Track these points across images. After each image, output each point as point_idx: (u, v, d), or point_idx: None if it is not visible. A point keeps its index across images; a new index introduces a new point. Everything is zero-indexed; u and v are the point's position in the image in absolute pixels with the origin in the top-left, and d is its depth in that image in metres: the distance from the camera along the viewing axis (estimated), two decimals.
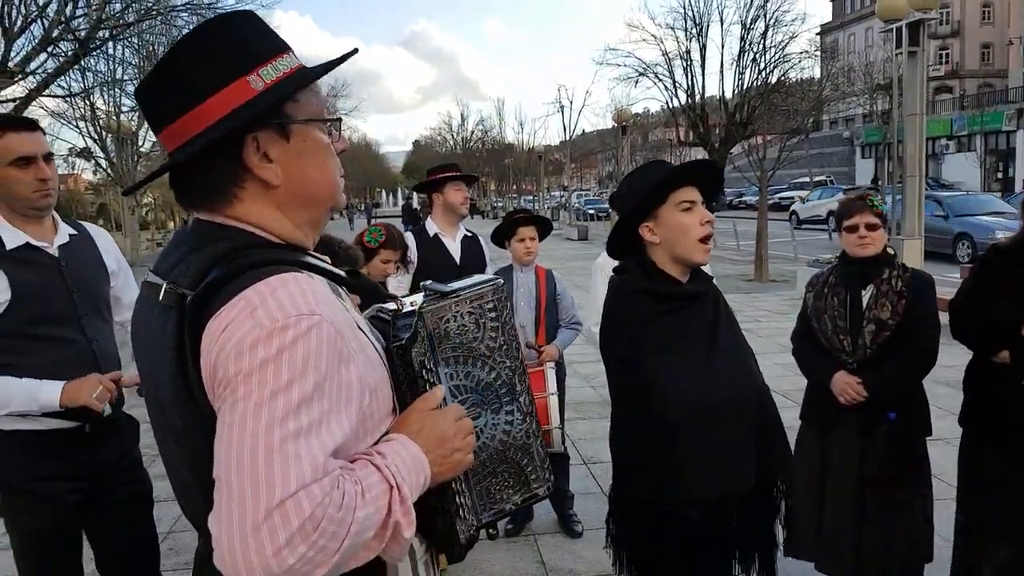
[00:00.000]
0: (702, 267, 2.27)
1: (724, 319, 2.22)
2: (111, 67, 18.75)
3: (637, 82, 40.53)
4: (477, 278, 1.41)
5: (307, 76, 1.22)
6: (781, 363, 7.14)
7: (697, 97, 38.47)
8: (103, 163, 23.78)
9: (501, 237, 4.19)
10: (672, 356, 2.10)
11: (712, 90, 41.07)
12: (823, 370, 3.17)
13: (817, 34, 43.66)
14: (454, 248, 4.27)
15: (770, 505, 2.21)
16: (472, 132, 71.38)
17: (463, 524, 1.30)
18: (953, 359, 3.19)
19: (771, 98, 28.49)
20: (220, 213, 1.20)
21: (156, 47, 26.16)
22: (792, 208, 29.14)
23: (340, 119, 1.30)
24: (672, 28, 38.97)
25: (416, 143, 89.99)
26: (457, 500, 1.29)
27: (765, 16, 34.27)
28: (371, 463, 1.10)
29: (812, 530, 3.16)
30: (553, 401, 3.69)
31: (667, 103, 40.49)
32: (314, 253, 1.28)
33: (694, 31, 38.17)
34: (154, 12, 15.92)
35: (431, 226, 4.31)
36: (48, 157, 2.39)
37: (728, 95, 36.34)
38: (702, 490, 2.07)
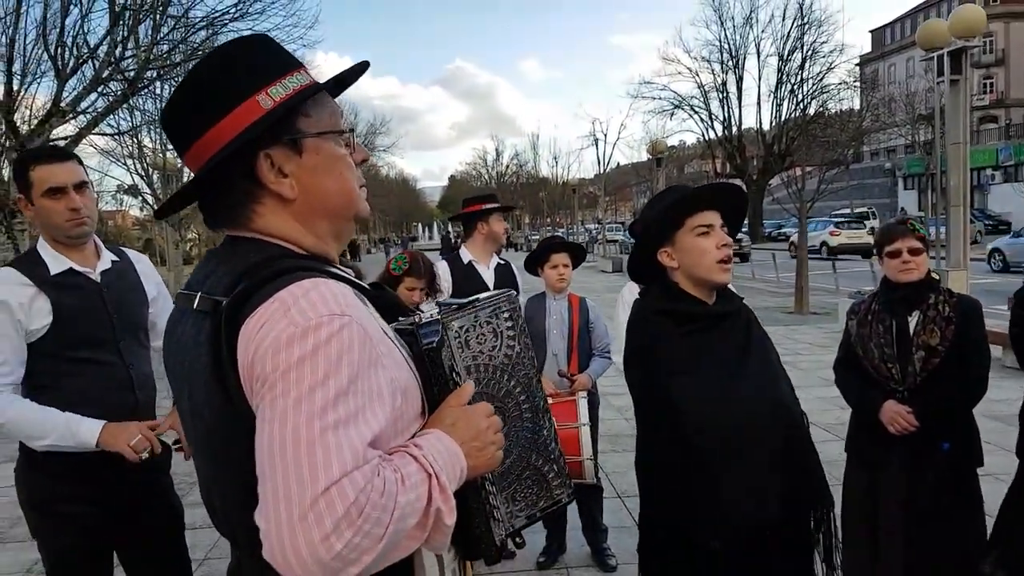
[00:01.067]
0: (730, 288, 2.23)
1: (755, 342, 2.17)
2: (158, 106, 19.32)
3: (672, 114, 40.95)
4: (490, 292, 1.45)
5: (314, 90, 1.26)
6: (822, 396, 6.98)
7: (734, 129, 38.56)
8: (150, 199, 24.41)
9: (534, 264, 4.16)
10: (693, 378, 2.05)
11: (749, 122, 41.02)
12: (871, 399, 3.07)
13: (856, 65, 43.29)
14: (488, 275, 4.26)
15: (807, 536, 2.12)
16: (507, 167, 72.33)
17: (496, 525, 1.32)
18: (1004, 392, 3.07)
19: (809, 129, 28.30)
20: (245, 229, 1.25)
21: None
22: (791, 239, 30.13)
23: (352, 130, 1.33)
24: (708, 61, 39.51)
25: (452, 178, 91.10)
26: (492, 500, 1.32)
27: (802, 48, 34.25)
28: (408, 454, 1.12)
29: (866, 564, 3.05)
30: (585, 432, 3.62)
31: (703, 135, 40.71)
32: (339, 266, 1.31)
33: (730, 63, 38.48)
34: (200, 52, 16.40)
35: (465, 254, 4.33)
36: (80, 186, 2.44)
37: (765, 127, 36.34)
38: (725, 516, 2.00)
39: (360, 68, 1.36)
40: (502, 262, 4.39)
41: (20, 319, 2.34)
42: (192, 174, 1.27)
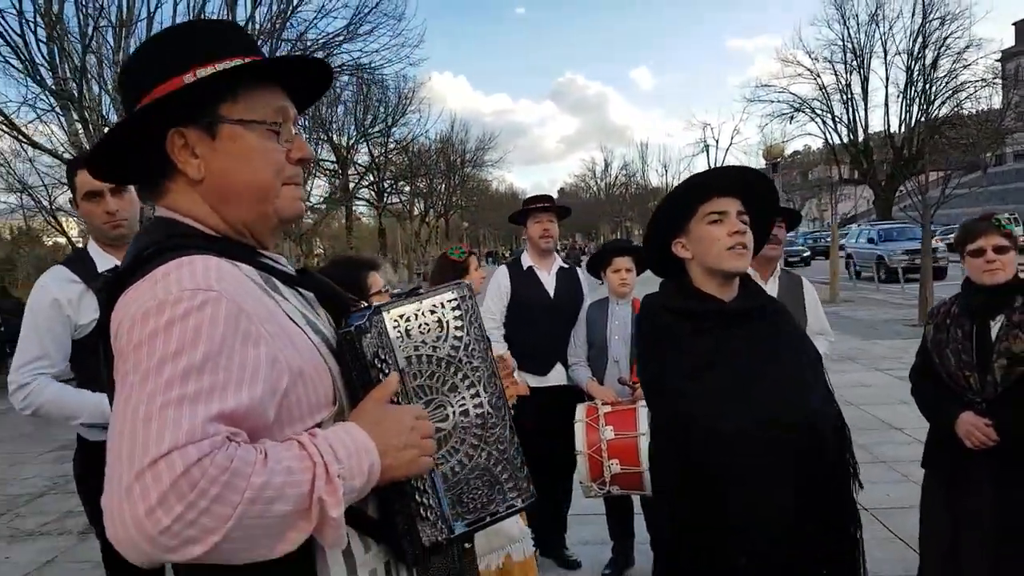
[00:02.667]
0: (759, 285, 2.08)
1: (783, 344, 2.01)
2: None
3: (792, 118, 39.23)
4: (445, 284, 1.38)
5: (233, 73, 1.21)
6: None
7: (860, 132, 36.64)
8: None
9: (596, 267, 4.07)
10: (703, 382, 1.92)
11: (877, 124, 38.57)
12: (946, 410, 2.82)
13: (997, 60, 40.22)
14: (548, 280, 4.22)
15: (831, 554, 1.94)
16: (616, 178, 71.54)
17: (427, 526, 1.26)
18: None
19: (942, 131, 26.34)
20: (161, 203, 1.26)
21: (320, 107, 28.22)
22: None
23: (278, 124, 1.26)
24: (830, 61, 37.52)
25: (561, 191, 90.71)
26: (418, 498, 1.25)
27: (927, 45, 31.88)
28: (295, 440, 1.08)
29: None
30: (644, 441, 3.47)
31: (827, 139, 38.83)
32: (262, 251, 1.29)
33: (854, 63, 36.54)
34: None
35: (525, 259, 4.30)
36: (117, 190, 2.57)
37: (894, 129, 34.29)
38: (732, 526, 1.86)
39: (291, 61, 1.31)
40: (565, 266, 4.33)
41: (69, 314, 2.50)
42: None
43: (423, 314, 1.29)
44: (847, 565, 1.96)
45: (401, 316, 1.28)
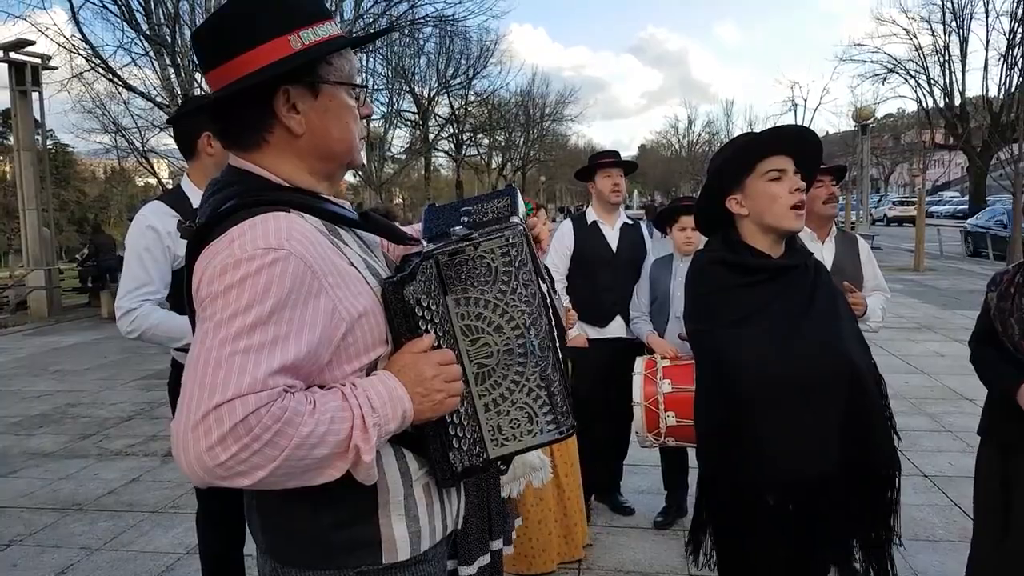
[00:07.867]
0: (801, 241, 2.13)
1: (822, 297, 2.08)
2: (363, 78, 20.63)
3: (885, 79, 37.45)
4: (496, 226, 1.43)
5: (340, 43, 1.34)
6: None
7: (956, 97, 34.73)
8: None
9: (663, 223, 4.12)
10: (747, 330, 2.01)
11: (975, 89, 36.49)
12: (1007, 379, 2.81)
13: None
14: (611, 236, 4.29)
15: (871, 499, 2.03)
16: (699, 135, 69.98)
17: (459, 454, 1.39)
18: None
19: None
20: (247, 157, 1.34)
21: (403, 59, 28.38)
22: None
23: (366, 87, 1.42)
24: (928, 21, 35.50)
25: (642, 147, 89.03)
26: (451, 431, 1.37)
27: None
28: (340, 391, 1.21)
29: (994, 556, 2.84)
30: None
31: (920, 102, 37.00)
32: (327, 196, 1.38)
33: (953, 24, 34.44)
34: (398, 23, 17.31)
35: (590, 214, 4.37)
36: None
37: (992, 93, 32.37)
38: (776, 470, 1.95)
39: (381, 34, 1.49)
40: (629, 222, 4.38)
41: (168, 245, 2.67)
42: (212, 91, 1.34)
43: (472, 260, 1.34)
44: (883, 511, 2.05)
45: (453, 259, 1.34)
